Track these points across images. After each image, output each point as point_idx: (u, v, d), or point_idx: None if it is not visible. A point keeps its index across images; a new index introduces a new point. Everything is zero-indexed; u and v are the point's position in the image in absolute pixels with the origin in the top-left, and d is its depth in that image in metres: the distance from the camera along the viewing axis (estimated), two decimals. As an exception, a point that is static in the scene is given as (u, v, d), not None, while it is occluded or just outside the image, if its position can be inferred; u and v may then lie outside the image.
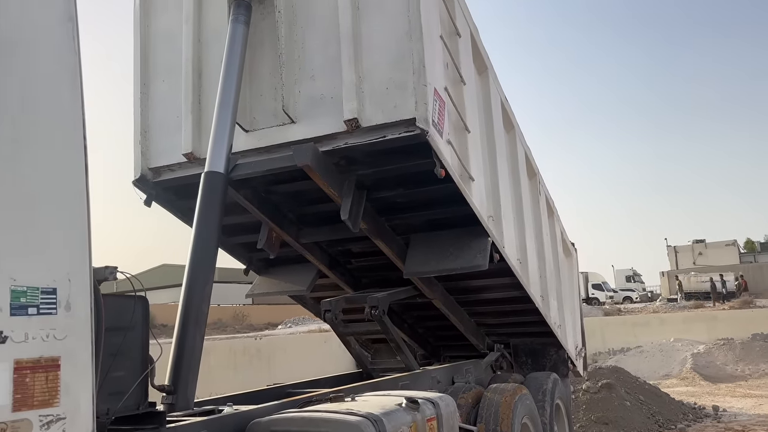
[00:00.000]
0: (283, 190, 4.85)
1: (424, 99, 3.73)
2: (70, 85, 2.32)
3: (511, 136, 6.58)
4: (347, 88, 3.93)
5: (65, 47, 2.30)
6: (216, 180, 3.92)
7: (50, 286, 2.16)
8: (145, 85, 4.81)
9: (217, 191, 3.92)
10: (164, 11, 4.85)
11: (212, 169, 3.94)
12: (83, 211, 2.32)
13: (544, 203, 7.97)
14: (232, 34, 4.18)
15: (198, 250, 3.77)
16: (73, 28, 2.33)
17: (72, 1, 2.35)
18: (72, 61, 2.33)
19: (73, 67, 2.33)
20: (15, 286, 2.05)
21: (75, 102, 2.33)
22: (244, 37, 4.21)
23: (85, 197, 2.34)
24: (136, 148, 4.76)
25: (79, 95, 2.34)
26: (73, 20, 2.34)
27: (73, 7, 2.35)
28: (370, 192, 4.62)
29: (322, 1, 4.17)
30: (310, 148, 3.97)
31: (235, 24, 4.21)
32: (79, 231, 2.30)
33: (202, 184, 3.93)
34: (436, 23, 4.23)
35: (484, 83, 5.55)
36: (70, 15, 2.33)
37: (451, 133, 4.25)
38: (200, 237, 3.80)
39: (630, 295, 43.15)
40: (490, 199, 5.22)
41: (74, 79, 2.33)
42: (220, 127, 4.02)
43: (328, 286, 6.28)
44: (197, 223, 3.82)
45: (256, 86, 4.40)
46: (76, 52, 2.34)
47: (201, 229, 3.81)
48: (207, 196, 3.89)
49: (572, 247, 11.15)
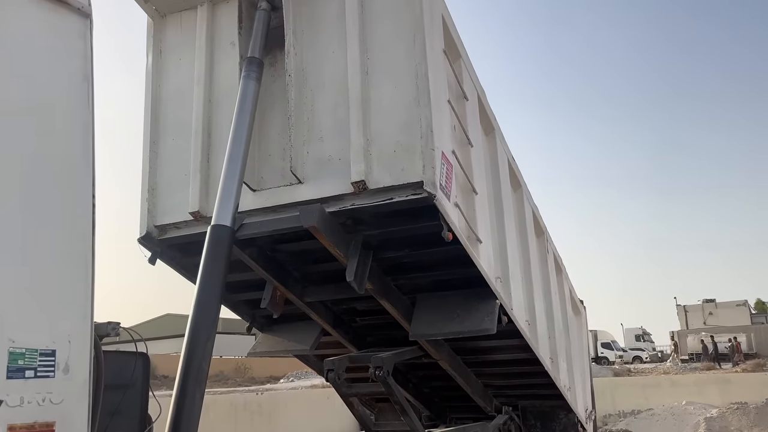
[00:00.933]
0: (288, 248, 4.81)
1: (432, 163, 3.73)
2: (82, 144, 2.34)
3: (518, 195, 6.58)
4: (355, 150, 3.95)
5: (79, 106, 2.34)
6: (222, 234, 3.90)
7: (49, 347, 2.13)
8: (155, 142, 4.85)
9: (223, 245, 3.89)
10: (176, 71, 4.94)
11: (219, 223, 3.93)
12: (88, 270, 2.30)
13: (552, 261, 7.91)
14: (244, 91, 4.24)
15: (201, 306, 3.71)
16: (88, 87, 2.38)
17: (89, 62, 2.40)
18: (85, 120, 2.36)
19: (86, 125, 2.36)
20: (13, 348, 2.02)
21: (86, 162, 2.35)
22: (255, 93, 4.26)
23: (90, 256, 2.32)
24: (143, 205, 4.76)
25: (90, 155, 2.36)
26: (89, 80, 2.39)
27: (89, 68, 2.40)
28: (377, 252, 4.58)
29: (333, 65, 4.23)
30: (317, 210, 3.95)
31: (247, 80, 4.27)
32: (82, 291, 2.28)
33: (208, 237, 3.91)
34: (444, 88, 4.28)
35: (491, 144, 5.59)
36: (85, 75, 2.38)
37: (458, 195, 4.24)
38: (204, 292, 3.75)
39: (640, 354, 42.36)
40: (498, 260, 5.17)
41: (86, 138, 2.36)
42: (229, 181, 4.03)
43: (331, 343, 6.17)
44: (201, 278, 3.78)
45: (265, 146, 4.43)
46: (90, 111, 2.37)
47: (205, 284, 3.77)
48: (213, 250, 3.86)
49: (581, 304, 10.99)
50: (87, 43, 2.40)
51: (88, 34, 2.40)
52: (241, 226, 4.20)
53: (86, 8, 2.40)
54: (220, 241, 3.90)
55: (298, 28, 4.38)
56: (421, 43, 3.89)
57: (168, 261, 4.98)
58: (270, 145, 4.42)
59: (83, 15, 2.39)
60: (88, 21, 2.41)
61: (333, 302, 5.64)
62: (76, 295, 2.24)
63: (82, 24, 2.38)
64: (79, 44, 2.37)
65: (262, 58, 4.37)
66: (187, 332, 3.64)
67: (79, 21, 2.38)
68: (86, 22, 2.40)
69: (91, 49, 2.41)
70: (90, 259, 2.31)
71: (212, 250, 3.87)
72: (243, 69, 4.33)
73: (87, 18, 2.41)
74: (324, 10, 4.37)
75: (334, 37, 4.27)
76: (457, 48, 4.76)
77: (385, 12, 4.12)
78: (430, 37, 3.97)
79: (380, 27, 4.11)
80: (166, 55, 5.01)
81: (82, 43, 2.38)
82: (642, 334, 45.96)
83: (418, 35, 3.91)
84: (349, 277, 4.19)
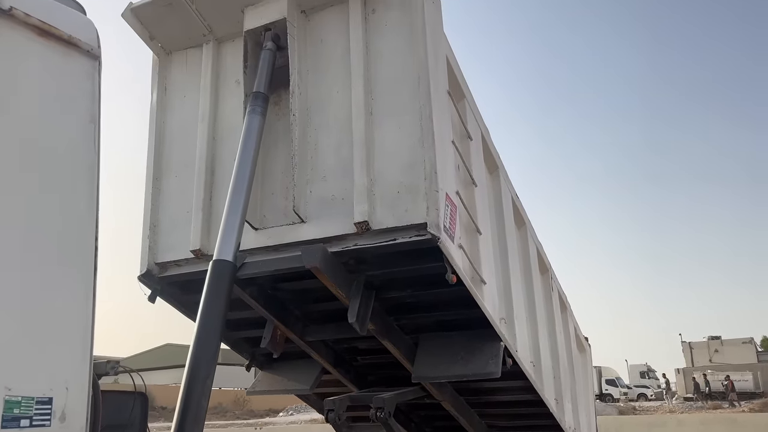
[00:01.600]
0: (290, 287, 4.76)
1: (436, 204, 3.69)
2: (87, 185, 2.32)
3: (522, 233, 6.54)
4: (358, 191, 3.92)
5: (86, 148, 2.33)
6: (224, 269, 3.84)
7: (46, 395, 2.09)
8: (157, 179, 4.84)
9: (225, 280, 3.83)
10: (180, 108, 4.95)
11: (221, 258, 3.87)
12: (88, 313, 2.26)
13: (557, 299, 7.84)
14: (249, 125, 4.23)
15: (201, 341, 3.64)
16: (94, 129, 2.37)
17: (96, 103, 2.39)
18: (91, 161, 2.34)
19: (92, 167, 2.34)
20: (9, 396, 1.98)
21: (90, 203, 2.32)
22: (260, 128, 4.25)
23: (91, 299, 2.29)
24: (144, 242, 4.73)
25: (94, 196, 2.34)
26: (96, 121, 2.38)
27: (96, 109, 2.39)
28: (379, 292, 4.52)
29: (337, 105, 4.23)
30: (319, 250, 3.90)
31: (252, 115, 4.27)
32: (82, 334, 2.24)
33: (210, 272, 3.85)
34: (448, 129, 4.27)
35: (495, 183, 5.56)
36: (92, 116, 2.37)
37: (462, 236, 4.20)
38: (204, 327, 3.68)
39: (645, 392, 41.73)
40: (503, 300, 5.10)
41: (91, 179, 2.34)
42: (231, 215, 3.98)
43: (332, 381, 6.07)
44: (202, 313, 3.71)
45: (268, 185, 4.41)
46: (96, 152, 2.36)
47: (205, 319, 3.70)
48: (214, 285, 3.80)
49: (586, 342, 10.86)
50: (95, 84, 2.40)
51: (96, 75, 2.41)
52: (243, 265, 4.15)
53: (95, 50, 2.41)
54: (221, 277, 3.84)
55: (303, 68, 4.40)
56: (426, 84, 3.89)
57: (168, 299, 4.92)
58: (273, 183, 4.40)
59: (92, 57, 2.39)
60: (97, 62, 2.42)
61: (334, 341, 5.56)
62: (75, 339, 2.20)
63: (90, 65, 2.39)
64: (87, 85, 2.37)
65: (267, 93, 4.37)
66: (187, 368, 3.57)
67: (88, 63, 2.38)
68: (95, 64, 2.41)
69: (99, 90, 2.41)
70: (91, 302, 2.27)
71: (213, 285, 3.81)
72: (248, 104, 4.33)
73: (96, 60, 2.41)
74: (329, 51, 4.39)
75: (338, 78, 4.28)
76: (461, 88, 4.77)
77: (389, 53, 4.13)
78: (434, 79, 3.97)
79: (385, 68, 4.12)
80: (171, 92, 5.04)
81: (90, 84, 2.38)
82: (647, 371, 45.34)
83: (423, 77, 3.91)
84: (351, 319, 4.12)
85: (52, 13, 2.27)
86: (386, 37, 4.17)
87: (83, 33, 2.37)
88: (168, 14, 4.68)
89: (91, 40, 2.39)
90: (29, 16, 2.16)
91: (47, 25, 2.22)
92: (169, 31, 4.87)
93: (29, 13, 2.17)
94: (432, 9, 4.16)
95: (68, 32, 2.30)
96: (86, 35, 2.38)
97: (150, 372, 31.27)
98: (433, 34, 4.12)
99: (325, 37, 4.44)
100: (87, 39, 2.37)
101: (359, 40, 4.21)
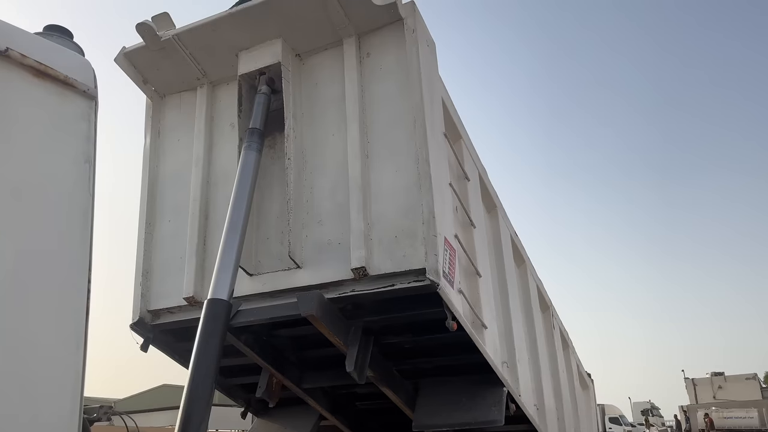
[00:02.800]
0: (286, 333, 4.64)
1: (435, 250, 3.60)
2: (80, 227, 2.27)
3: (522, 271, 6.45)
4: (355, 235, 3.84)
5: (80, 188, 2.29)
6: (219, 308, 3.71)
7: None
8: (150, 224, 4.75)
9: (220, 320, 3.69)
10: (174, 152, 4.89)
11: (216, 297, 3.74)
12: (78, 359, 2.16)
13: (558, 336, 7.71)
14: (244, 161, 4.17)
15: (195, 384, 3.49)
16: (89, 169, 2.33)
17: (91, 144, 2.36)
18: (85, 203, 2.30)
19: (86, 208, 2.30)
20: None
21: (83, 245, 2.27)
22: (256, 163, 4.19)
23: (83, 344, 2.19)
24: (137, 289, 4.61)
25: (88, 238, 2.29)
26: (91, 162, 2.34)
27: (92, 150, 2.36)
28: (378, 337, 4.40)
29: (333, 148, 4.18)
30: (316, 297, 3.80)
31: (248, 151, 4.21)
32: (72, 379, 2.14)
33: (204, 312, 3.72)
34: (446, 171, 4.21)
35: (494, 222, 5.49)
36: (87, 157, 2.33)
37: (462, 280, 4.10)
38: (198, 369, 3.53)
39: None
40: (504, 343, 4.98)
41: (85, 221, 2.29)
42: (227, 253, 3.87)
43: (330, 428, 5.88)
44: (196, 354, 3.57)
45: (263, 229, 4.33)
46: (90, 193, 2.32)
47: (200, 360, 3.55)
48: (208, 324, 3.66)
49: (588, 378, 10.68)
50: (91, 124, 2.38)
51: (92, 115, 2.39)
52: (237, 313, 4.04)
53: (92, 90, 2.39)
54: (216, 317, 3.70)
55: (298, 112, 4.36)
56: (422, 127, 3.84)
57: (161, 347, 4.79)
58: (268, 227, 4.32)
59: (88, 97, 2.38)
60: (93, 103, 2.40)
61: (332, 386, 5.40)
62: (65, 385, 2.11)
63: (87, 106, 2.38)
64: (83, 126, 2.35)
65: (262, 129, 4.31)
66: (181, 411, 3.43)
67: (84, 103, 2.37)
68: (91, 104, 2.39)
69: (95, 130, 2.40)
70: (82, 348, 2.18)
71: (208, 325, 3.67)
72: (244, 140, 4.27)
73: (92, 100, 2.40)
74: (324, 94, 4.36)
75: (334, 121, 4.24)
76: (457, 129, 4.74)
77: (385, 97, 4.09)
78: (430, 121, 3.93)
79: (381, 111, 4.08)
80: (165, 136, 4.98)
81: (86, 124, 2.36)
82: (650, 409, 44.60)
83: (419, 120, 3.87)
84: (349, 368, 3.99)
85: (48, 54, 2.27)
86: (381, 81, 4.14)
87: (80, 73, 2.37)
88: (161, 58, 4.66)
89: (88, 80, 2.38)
90: (25, 56, 2.16)
91: (44, 65, 2.22)
92: (163, 75, 4.84)
93: (26, 53, 2.17)
94: (427, 52, 4.15)
95: (65, 73, 2.29)
96: (83, 76, 2.37)
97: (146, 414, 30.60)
98: (429, 77, 4.09)
99: (320, 81, 4.42)
100: (83, 79, 2.36)
101: (354, 84, 4.18)
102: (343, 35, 4.28)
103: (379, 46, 4.22)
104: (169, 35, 4.50)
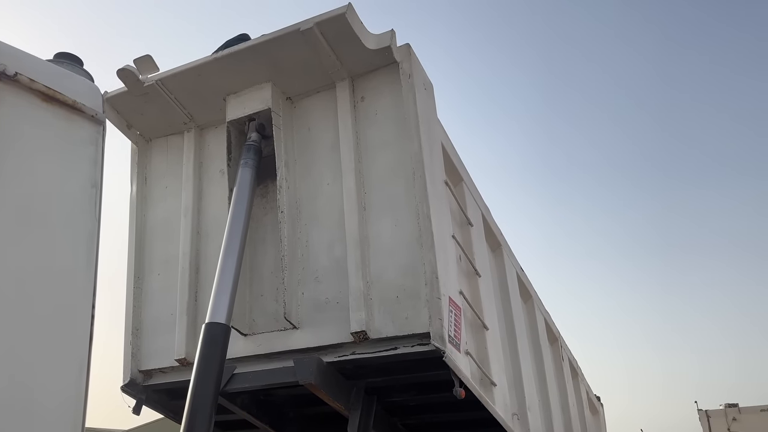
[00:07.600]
0: (283, 393, 4.39)
1: (439, 313, 3.36)
2: (85, 251, 2.26)
3: (529, 306, 6.23)
4: (354, 296, 3.60)
5: (86, 213, 2.29)
6: (217, 332, 3.46)
7: None
8: (139, 278, 4.51)
9: (218, 344, 3.44)
10: (162, 200, 4.65)
11: (213, 321, 3.49)
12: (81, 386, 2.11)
13: (567, 367, 7.49)
14: (240, 179, 3.99)
15: (193, 414, 3.22)
16: (96, 194, 2.34)
17: (98, 169, 2.37)
18: (91, 228, 2.30)
19: (91, 233, 2.30)
20: None
21: (88, 270, 2.24)
22: (251, 180, 4.00)
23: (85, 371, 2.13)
24: (127, 348, 4.36)
25: (93, 263, 2.27)
26: (97, 186, 2.35)
27: (98, 174, 2.36)
28: (381, 395, 4.16)
29: (328, 198, 3.94)
30: (314, 363, 3.56)
31: (244, 168, 4.03)
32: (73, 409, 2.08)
33: (202, 337, 3.47)
34: (448, 223, 3.97)
35: (499, 261, 5.27)
36: (94, 181, 2.34)
37: (468, 339, 3.86)
38: (197, 398, 3.27)
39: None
40: (514, 394, 4.74)
41: (90, 246, 2.28)
42: (225, 274, 3.64)
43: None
44: (195, 381, 3.32)
45: (257, 286, 4.09)
46: (96, 218, 2.32)
47: (199, 390, 3.30)
48: (207, 351, 3.41)
49: (598, 402, 10.44)
50: (98, 149, 2.39)
51: (100, 140, 2.40)
52: (232, 378, 3.82)
53: (100, 115, 2.40)
54: (214, 342, 3.44)
55: (291, 158, 4.13)
56: (422, 179, 3.60)
57: (155, 406, 4.54)
58: (261, 284, 4.08)
59: (96, 122, 2.39)
60: (101, 128, 2.41)
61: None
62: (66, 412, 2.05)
63: (94, 130, 2.39)
64: (90, 150, 2.36)
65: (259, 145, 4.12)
66: None
67: (92, 128, 2.38)
68: (99, 129, 2.40)
69: (102, 155, 2.40)
70: (85, 373, 2.13)
71: (206, 351, 3.41)
72: (241, 157, 4.09)
73: (100, 125, 2.40)
74: (317, 139, 4.13)
75: (328, 168, 4.01)
76: (458, 172, 4.50)
77: (382, 144, 3.87)
78: (430, 171, 3.70)
79: (378, 159, 3.85)
80: (152, 183, 4.75)
81: (93, 149, 2.37)
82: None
83: (418, 171, 3.63)
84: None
85: (57, 79, 2.30)
86: (378, 127, 3.91)
87: (88, 98, 2.38)
88: (145, 103, 4.43)
89: (96, 105, 2.41)
90: (34, 81, 2.18)
91: (52, 90, 2.24)
92: (148, 120, 4.61)
93: (34, 78, 2.19)
94: (424, 96, 3.92)
95: (73, 97, 2.32)
96: (91, 101, 2.39)
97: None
98: (427, 123, 3.86)
99: (313, 125, 4.19)
100: (91, 104, 2.39)
101: (349, 129, 3.95)
102: (336, 78, 4.05)
103: (374, 89, 3.99)
104: (152, 80, 4.27)
